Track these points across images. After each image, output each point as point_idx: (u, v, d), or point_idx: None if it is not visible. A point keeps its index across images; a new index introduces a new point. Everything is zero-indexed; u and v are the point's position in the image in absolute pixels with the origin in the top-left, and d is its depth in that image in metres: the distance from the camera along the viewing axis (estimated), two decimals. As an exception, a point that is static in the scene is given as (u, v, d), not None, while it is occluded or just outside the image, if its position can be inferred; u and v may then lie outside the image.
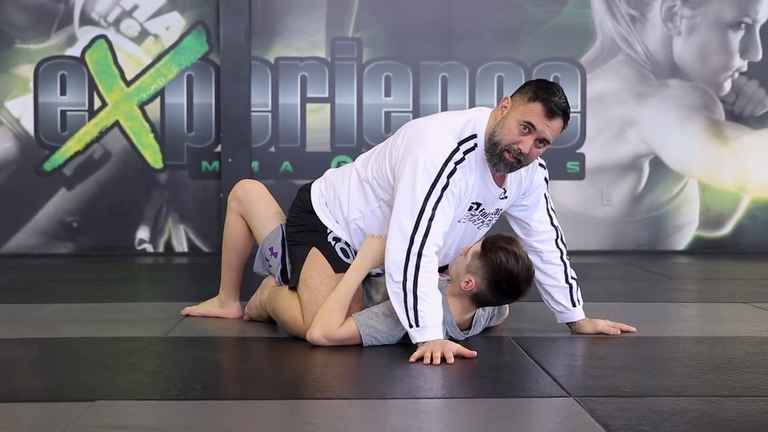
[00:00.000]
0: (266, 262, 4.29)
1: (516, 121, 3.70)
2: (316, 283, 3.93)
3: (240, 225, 4.44)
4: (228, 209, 4.46)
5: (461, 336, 3.88)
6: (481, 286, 3.75)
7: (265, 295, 4.22)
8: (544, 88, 3.72)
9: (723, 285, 6.30)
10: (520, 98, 3.74)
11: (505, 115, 3.75)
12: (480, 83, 8.72)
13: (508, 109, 3.76)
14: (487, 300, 3.81)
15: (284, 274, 4.20)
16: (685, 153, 8.82)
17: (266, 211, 4.38)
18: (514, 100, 3.76)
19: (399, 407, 2.91)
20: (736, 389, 3.07)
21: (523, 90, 3.78)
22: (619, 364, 3.57)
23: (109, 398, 2.94)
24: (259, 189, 4.44)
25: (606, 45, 8.78)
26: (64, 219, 8.53)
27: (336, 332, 3.76)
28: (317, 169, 8.48)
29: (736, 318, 4.64)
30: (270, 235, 4.29)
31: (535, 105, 3.69)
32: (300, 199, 4.20)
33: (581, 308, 4.16)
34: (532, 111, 3.68)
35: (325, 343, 3.76)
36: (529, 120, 3.68)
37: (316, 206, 4.11)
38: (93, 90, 8.51)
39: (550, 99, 3.68)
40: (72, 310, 4.89)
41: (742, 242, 8.85)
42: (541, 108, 3.68)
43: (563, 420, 2.76)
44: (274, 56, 8.62)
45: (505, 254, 3.71)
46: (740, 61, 8.83)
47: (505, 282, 3.72)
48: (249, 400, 2.98)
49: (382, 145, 4.03)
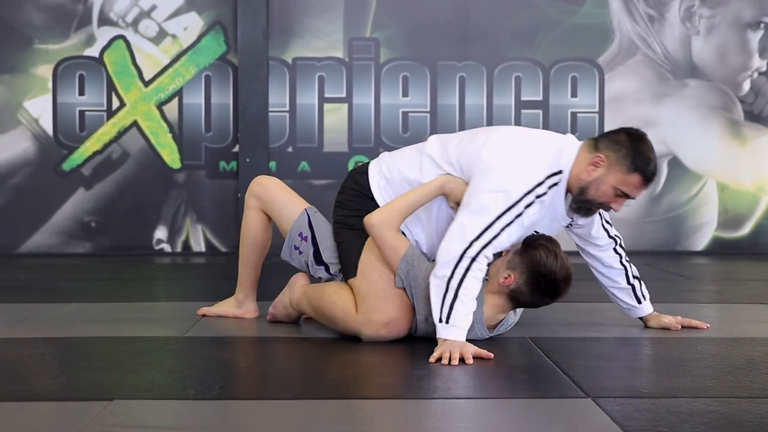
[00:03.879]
0: (294, 250, 4.24)
1: (613, 188, 3.78)
2: (376, 275, 3.87)
3: (259, 220, 4.40)
4: (246, 207, 4.43)
5: (486, 334, 3.87)
6: (520, 282, 3.74)
7: (297, 293, 4.15)
8: (641, 155, 3.77)
9: (741, 286, 6.27)
10: (617, 164, 3.77)
11: (600, 177, 3.78)
12: (498, 83, 8.70)
13: (603, 168, 3.78)
14: (524, 297, 3.79)
15: (317, 255, 4.18)
16: (703, 153, 8.78)
17: (287, 198, 4.34)
18: (609, 161, 3.77)
19: (417, 407, 2.90)
20: (755, 390, 3.06)
21: (620, 153, 3.77)
22: (638, 365, 3.56)
23: (126, 398, 2.94)
24: (275, 182, 4.43)
25: (624, 45, 8.76)
26: (82, 219, 8.55)
27: (388, 232, 3.81)
28: (335, 169, 8.53)
29: (754, 319, 4.62)
30: (297, 220, 4.23)
31: (633, 177, 3.77)
32: (356, 182, 4.11)
33: (648, 303, 4.26)
34: (630, 183, 3.78)
35: (374, 233, 3.82)
36: (627, 191, 3.79)
37: (375, 191, 4.05)
38: (111, 90, 8.53)
39: (646, 170, 3.77)
40: (89, 309, 4.90)
41: (761, 243, 8.81)
42: (639, 180, 3.78)
43: (581, 420, 2.76)
44: (292, 56, 8.63)
45: (545, 252, 3.73)
46: (759, 61, 8.80)
47: (544, 279, 3.72)
48: (266, 400, 2.98)
49: (459, 137, 3.99)
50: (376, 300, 3.82)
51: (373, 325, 3.81)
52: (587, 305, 4.63)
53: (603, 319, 4.48)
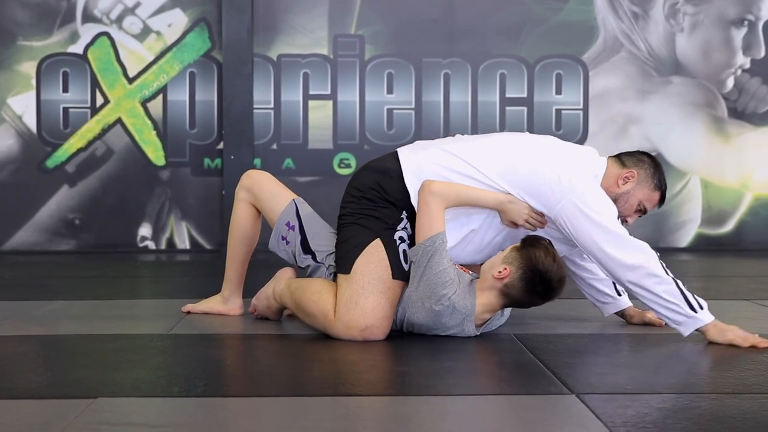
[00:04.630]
0: (282, 240, 4.23)
1: (638, 201, 4.08)
2: (365, 281, 3.83)
3: (248, 214, 4.40)
4: (236, 200, 4.42)
5: (473, 332, 3.87)
6: (515, 276, 3.74)
7: (282, 286, 4.13)
8: (662, 176, 4.14)
9: (725, 282, 6.29)
10: (646, 180, 4.08)
11: (630, 191, 4.06)
12: (482, 80, 8.71)
13: (633, 183, 4.06)
14: (516, 293, 3.78)
15: (304, 244, 4.17)
16: (687, 150, 8.81)
17: (277, 190, 4.35)
18: (639, 177, 4.07)
19: (402, 404, 2.90)
20: (739, 386, 3.07)
21: (647, 171, 4.10)
22: (622, 361, 3.57)
23: (111, 395, 2.94)
24: (265, 175, 4.43)
25: (608, 42, 8.78)
26: (66, 216, 8.53)
27: (437, 205, 3.84)
28: (319, 166, 8.54)
29: (738, 315, 4.63)
30: (284, 210, 4.23)
31: (656, 194, 4.12)
32: (380, 184, 3.99)
33: (626, 297, 4.31)
34: (653, 200, 4.12)
35: (427, 199, 3.84)
36: (647, 207, 4.12)
37: (414, 193, 3.95)
38: (95, 87, 8.51)
39: (665, 190, 4.16)
40: (74, 307, 4.89)
41: (745, 239, 8.85)
42: (658, 198, 4.14)
43: (566, 417, 2.76)
44: (277, 53, 8.62)
45: (543, 252, 3.75)
46: (743, 59, 8.83)
47: (539, 277, 3.73)
48: (252, 397, 2.98)
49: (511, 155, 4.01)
50: (355, 306, 3.80)
51: (348, 330, 3.81)
52: (572, 302, 4.64)
53: (588, 315, 4.49)
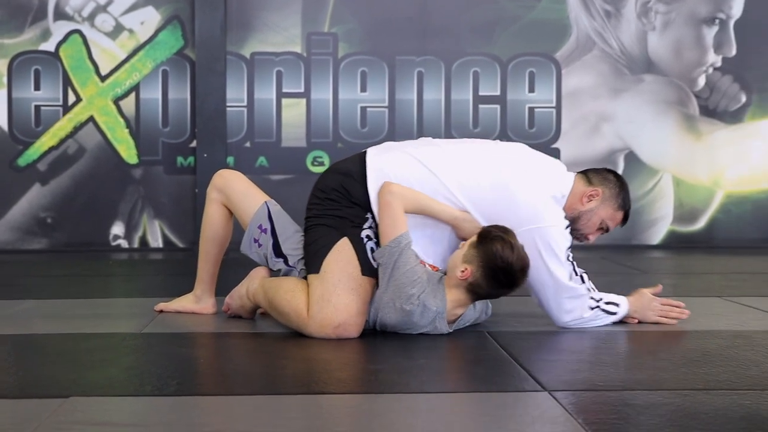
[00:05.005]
0: (254, 243, 4.23)
1: (601, 219, 4.13)
2: (335, 278, 3.85)
3: (220, 214, 4.39)
4: (207, 200, 4.41)
5: (446, 329, 3.88)
6: (477, 275, 3.76)
7: (255, 285, 4.13)
8: (627, 196, 4.17)
9: (697, 279, 6.33)
10: (611, 199, 4.12)
11: (593, 209, 4.10)
12: (456, 78, 8.72)
13: (597, 201, 4.10)
14: (482, 290, 3.81)
15: (276, 247, 4.17)
16: (659, 148, 8.85)
17: (249, 191, 4.34)
18: (604, 196, 4.11)
19: (375, 402, 2.91)
20: (710, 383, 3.09)
21: (612, 190, 4.13)
22: (595, 358, 3.59)
23: (83, 394, 2.93)
24: (237, 175, 4.42)
25: (581, 40, 8.81)
26: (38, 215, 8.49)
27: (398, 206, 3.86)
28: (293, 164, 8.53)
29: (710, 312, 4.67)
30: (257, 213, 4.23)
31: (620, 214, 4.16)
32: (343, 186, 4.01)
33: None
34: (615, 219, 4.16)
35: (386, 199, 3.86)
36: (609, 225, 4.16)
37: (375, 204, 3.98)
38: (67, 85, 8.47)
39: (629, 210, 4.19)
40: (46, 306, 4.86)
41: (716, 237, 8.90)
42: (621, 218, 4.18)
43: (539, 414, 2.77)
44: (250, 51, 8.60)
45: (501, 244, 3.74)
46: (714, 57, 8.87)
47: (501, 271, 3.74)
48: (225, 395, 2.98)
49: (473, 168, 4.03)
50: (328, 304, 3.81)
51: (322, 328, 3.81)
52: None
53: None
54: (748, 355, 3.53)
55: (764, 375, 3.20)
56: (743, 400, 2.84)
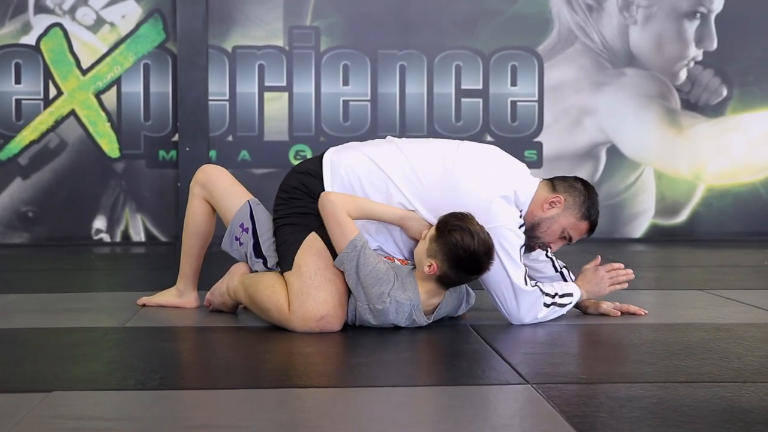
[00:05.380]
0: (235, 241, 4.23)
1: (562, 228, 4.02)
2: (311, 271, 3.86)
3: (203, 210, 4.38)
4: (190, 195, 4.40)
5: (424, 321, 3.88)
6: (443, 268, 3.75)
7: (235, 282, 4.13)
8: (594, 206, 4.06)
9: (679, 272, 6.36)
10: (573, 208, 4.01)
11: (554, 216, 4.00)
12: (438, 72, 8.73)
13: (558, 209, 4.00)
14: (452, 280, 3.82)
15: (257, 248, 4.17)
16: (641, 141, 8.88)
17: (232, 189, 4.33)
18: (566, 204, 4.00)
19: (358, 396, 2.91)
20: (692, 375, 3.10)
21: (577, 198, 4.02)
22: (577, 351, 3.60)
23: (65, 389, 2.92)
24: (220, 171, 4.41)
25: (563, 34, 8.82)
26: (19, 209, 8.46)
27: (342, 212, 3.82)
28: (275, 158, 8.52)
29: (691, 305, 4.68)
30: (239, 211, 4.23)
31: (582, 224, 4.05)
32: (302, 183, 4.05)
33: None
34: (578, 229, 4.05)
35: (329, 208, 3.83)
36: (572, 235, 4.06)
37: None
38: (48, 79, 8.44)
39: (595, 220, 4.07)
40: (28, 300, 4.85)
41: (698, 230, 8.93)
42: (586, 228, 4.07)
43: (521, 407, 2.78)
44: (232, 45, 8.58)
45: (460, 233, 3.71)
46: (696, 51, 8.90)
47: (465, 260, 3.73)
48: (208, 389, 2.97)
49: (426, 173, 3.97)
50: (308, 297, 3.82)
51: (305, 322, 3.81)
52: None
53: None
54: (730, 348, 3.54)
55: (746, 367, 3.22)
56: (725, 393, 2.86)
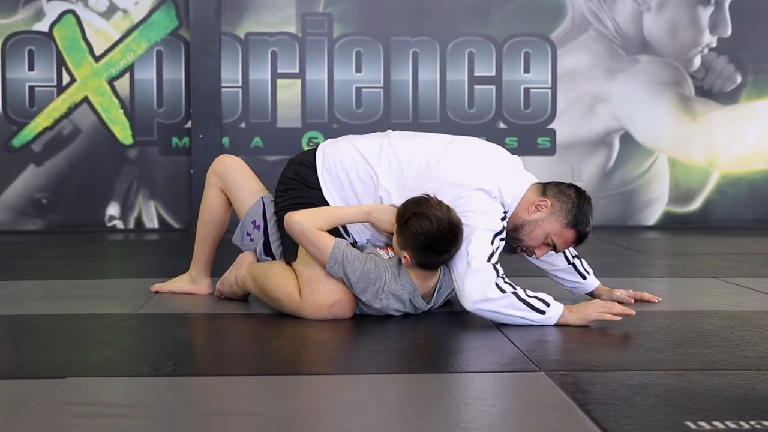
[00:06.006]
0: (246, 236, 4.26)
1: (546, 234, 3.86)
2: None
3: (219, 199, 4.39)
4: (207, 184, 4.42)
5: (424, 305, 3.88)
6: (416, 257, 3.72)
7: (243, 272, 4.15)
8: (583, 214, 3.86)
9: (692, 260, 6.34)
10: (559, 214, 3.85)
11: (538, 220, 3.85)
12: (451, 59, 8.71)
13: (543, 213, 3.85)
14: (431, 264, 3.77)
15: (267, 246, 4.17)
16: (654, 128, 8.85)
17: (247, 183, 4.34)
18: (552, 209, 3.85)
19: (371, 383, 2.91)
20: (705, 363, 3.10)
21: (565, 205, 3.86)
22: (590, 338, 3.59)
23: (79, 375, 2.93)
24: (239, 163, 4.42)
25: (576, 20, 8.79)
26: (33, 195, 8.48)
27: (311, 230, 3.74)
28: (288, 145, 8.51)
29: (705, 292, 4.67)
30: (252, 207, 4.26)
31: (568, 232, 3.86)
32: (298, 174, 4.07)
33: (593, 277, 4.33)
34: (563, 236, 3.87)
35: (296, 229, 3.75)
36: (556, 242, 3.88)
37: (324, 184, 4.01)
38: (61, 65, 8.45)
39: (583, 230, 3.88)
40: (42, 287, 4.86)
41: (712, 217, 8.91)
42: (572, 237, 3.88)
43: (534, 394, 2.78)
44: (244, 31, 8.58)
45: (417, 221, 3.67)
46: (710, 37, 8.87)
47: (430, 245, 3.67)
48: (221, 376, 2.98)
49: (415, 165, 3.90)
50: (318, 284, 3.82)
51: (317, 310, 3.81)
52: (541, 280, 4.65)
53: (556, 293, 4.50)
54: (744, 336, 3.54)
55: (759, 355, 3.21)
56: (739, 380, 2.85)
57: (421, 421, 2.48)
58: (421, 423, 2.47)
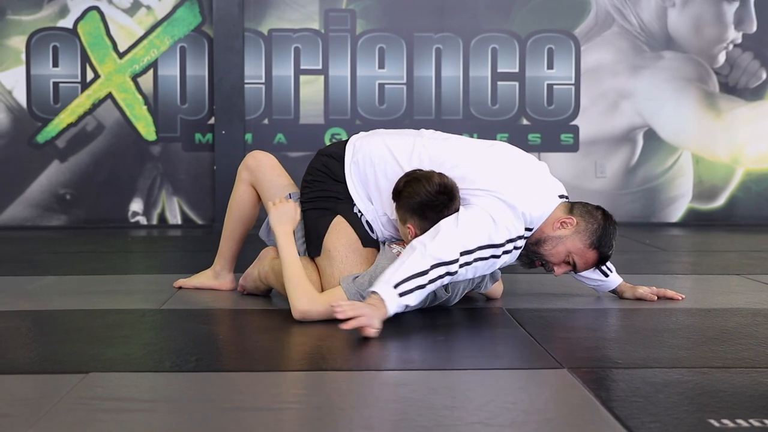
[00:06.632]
0: (272, 233, 4.26)
1: (567, 252, 3.83)
2: (342, 255, 3.88)
3: (249, 195, 4.39)
4: (237, 179, 4.41)
5: (444, 293, 3.86)
6: (417, 223, 3.71)
7: (266, 267, 4.16)
8: (607, 237, 3.86)
9: (716, 257, 6.31)
10: (584, 233, 3.82)
11: (562, 237, 3.81)
12: (474, 55, 8.70)
13: (568, 231, 3.81)
14: (433, 223, 3.67)
15: None
16: (679, 125, 8.82)
17: (277, 180, 4.33)
18: (577, 227, 3.81)
19: (392, 378, 2.91)
20: (729, 360, 3.08)
21: (591, 225, 3.83)
22: (613, 335, 3.58)
23: (102, 370, 2.94)
24: (271, 159, 4.41)
25: (600, 17, 8.76)
26: (57, 191, 8.52)
27: (323, 304, 3.65)
28: (311, 141, 8.52)
29: (729, 290, 4.65)
30: None
31: (590, 253, 3.85)
32: (326, 166, 4.06)
33: (615, 275, 4.30)
34: (585, 256, 3.85)
35: (313, 316, 3.66)
36: (577, 262, 3.85)
37: (350, 178, 4.01)
38: (86, 62, 8.48)
39: (605, 252, 3.88)
40: (65, 282, 4.88)
41: (736, 214, 8.87)
42: (594, 258, 3.87)
43: (557, 391, 2.77)
44: (268, 28, 8.59)
45: (408, 187, 3.69)
46: (734, 33, 8.82)
47: (425, 204, 3.67)
48: (243, 372, 2.98)
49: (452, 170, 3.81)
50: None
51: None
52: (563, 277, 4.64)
53: (578, 290, 4.50)
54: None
55: (784, 353, 3.20)
56: (763, 378, 2.84)
57: (443, 417, 2.48)
58: (443, 419, 2.46)
